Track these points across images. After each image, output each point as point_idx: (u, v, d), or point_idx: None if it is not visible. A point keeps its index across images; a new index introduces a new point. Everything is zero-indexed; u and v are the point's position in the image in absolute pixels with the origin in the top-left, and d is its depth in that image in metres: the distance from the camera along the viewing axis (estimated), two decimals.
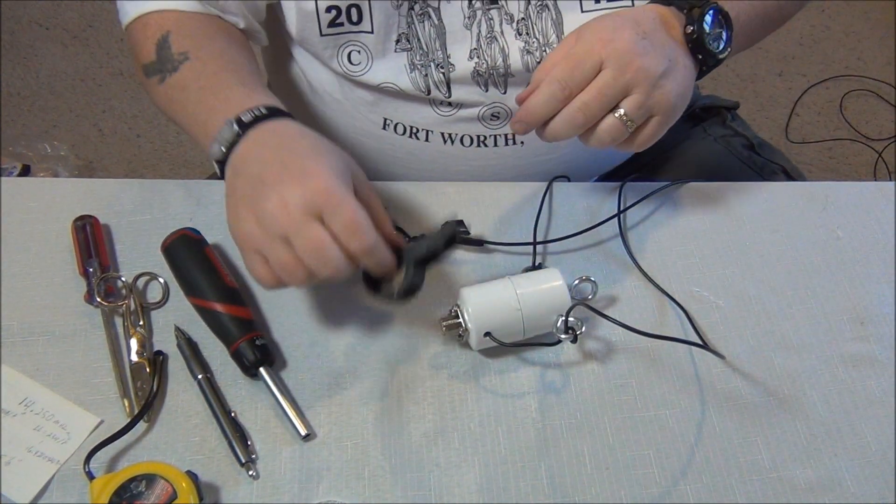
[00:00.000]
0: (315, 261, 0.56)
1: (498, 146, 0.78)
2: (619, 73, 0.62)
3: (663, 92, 0.63)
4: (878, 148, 1.88)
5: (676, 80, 0.64)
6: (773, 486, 0.62)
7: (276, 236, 0.56)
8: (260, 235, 0.57)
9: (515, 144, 0.79)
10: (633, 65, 0.62)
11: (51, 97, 1.89)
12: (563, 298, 0.65)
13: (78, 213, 0.73)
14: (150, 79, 0.72)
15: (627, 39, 0.62)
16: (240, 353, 0.65)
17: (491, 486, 0.62)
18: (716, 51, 0.67)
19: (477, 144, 0.78)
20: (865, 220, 0.78)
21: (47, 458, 0.62)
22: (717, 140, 0.95)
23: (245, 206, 0.58)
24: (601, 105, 0.62)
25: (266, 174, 0.57)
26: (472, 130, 0.79)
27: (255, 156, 0.60)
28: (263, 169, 0.58)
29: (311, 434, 0.63)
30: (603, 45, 0.62)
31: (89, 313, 0.69)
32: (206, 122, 0.66)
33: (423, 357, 0.68)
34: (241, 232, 0.59)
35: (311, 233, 0.55)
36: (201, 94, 0.68)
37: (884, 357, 0.69)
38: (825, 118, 1.94)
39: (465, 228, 0.73)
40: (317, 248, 0.55)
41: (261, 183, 0.57)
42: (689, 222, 0.77)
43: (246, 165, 0.60)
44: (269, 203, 0.56)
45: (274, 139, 0.61)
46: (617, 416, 0.65)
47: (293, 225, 0.55)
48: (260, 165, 0.59)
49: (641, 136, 0.66)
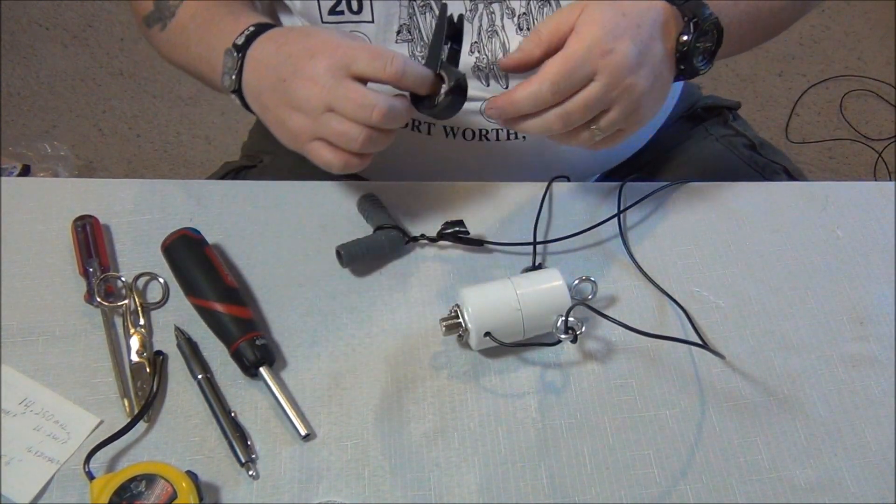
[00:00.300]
0: (364, 112, 0.58)
1: (500, 140, 0.78)
2: (609, 89, 0.61)
3: (639, 111, 0.63)
4: (878, 148, 1.88)
5: (654, 97, 0.64)
6: (773, 486, 0.62)
7: (321, 112, 0.59)
8: (307, 121, 0.60)
9: (518, 139, 0.79)
10: (624, 83, 0.61)
11: (51, 97, 1.89)
12: (563, 298, 0.65)
13: (78, 213, 0.73)
14: (151, 29, 0.75)
15: (625, 53, 0.60)
16: (240, 353, 0.65)
17: (491, 486, 0.62)
18: (699, 66, 0.66)
19: (479, 138, 0.78)
20: (865, 220, 0.78)
21: (47, 458, 0.62)
22: (719, 140, 0.95)
23: (281, 108, 0.62)
24: (582, 118, 0.62)
25: (281, 73, 0.61)
26: (473, 124, 0.79)
27: (263, 67, 0.63)
28: (276, 71, 0.61)
29: (311, 434, 0.63)
30: (601, 55, 0.60)
31: (89, 313, 0.69)
32: (209, 59, 0.69)
33: (423, 357, 0.68)
34: (290, 132, 0.62)
35: (347, 89, 0.58)
36: (199, 31, 0.71)
37: (884, 357, 0.69)
38: (825, 118, 1.94)
39: (465, 228, 0.73)
40: (359, 99, 0.58)
41: (282, 82, 0.61)
42: (689, 222, 0.77)
43: (260, 80, 0.63)
44: (298, 90, 0.59)
45: (271, 46, 0.64)
46: (617, 416, 0.65)
47: (328, 92, 0.58)
48: (272, 70, 0.62)
49: (601, 145, 0.65)
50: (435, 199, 0.78)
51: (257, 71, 0.64)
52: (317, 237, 0.75)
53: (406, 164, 0.84)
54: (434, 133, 0.80)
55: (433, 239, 0.74)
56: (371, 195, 0.76)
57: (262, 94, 0.64)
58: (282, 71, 0.61)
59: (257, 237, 0.74)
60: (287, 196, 0.77)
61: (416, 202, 0.78)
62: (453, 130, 0.80)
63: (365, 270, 0.73)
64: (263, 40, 0.65)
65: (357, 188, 0.77)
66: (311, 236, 0.75)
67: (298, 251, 0.74)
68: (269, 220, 0.76)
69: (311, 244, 0.74)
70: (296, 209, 0.76)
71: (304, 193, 0.78)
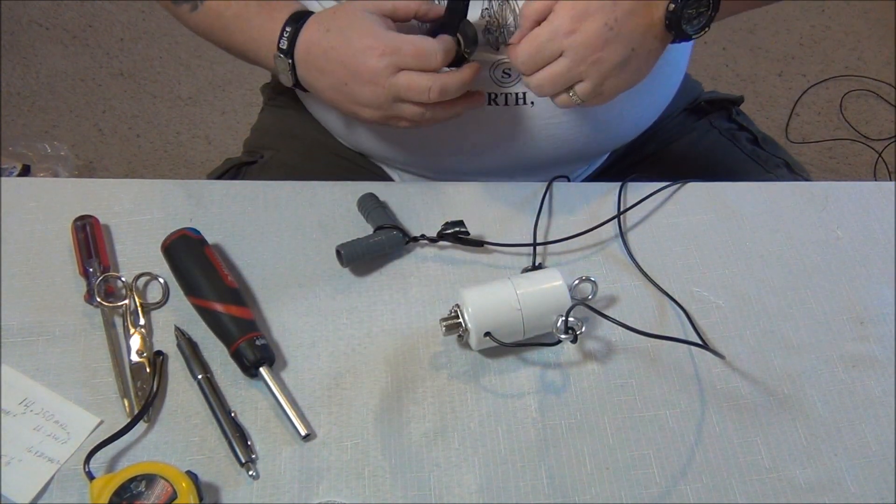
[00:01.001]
0: (423, 95, 0.68)
1: (509, 105, 0.79)
2: (574, 64, 0.67)
3: (616, 80, 0.69)
4: (878, 148, 1.88)
5: (633, 68, 0.69)
6: (773, 486, 0.62)
7: (391, 104, 0.69)
8: (378, 112, 0.71)
9: (526, 104, 0.79)
10: (589, 59, 0.66)
11: (51, 97, 1.89)
12: (563, 298, 0.65)
13: (78, 213, 0.73)
14: (178, 6, 0.78)
15: (591, 32, 0.66)
16: (240, 353, 0.65)
17: (491, 486, 0.62)
18: (690, 33, 0.69)
19: (488, 102, 0.79)
20: (865, 220, 0.78)
21: (47, 458, 0.62)
22: (723, 133, 0.96)
23: (352, 105, 0.71)
24: (553, 89, 0.69)
25: (341, 77, 0.70)
26: (483, 89, 0.79)
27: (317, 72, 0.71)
28: (335, 76, 0.70)
29: (311, 434, 0.63)
30: (566, 35, 0.66)
31: (89, 313, 0.69)
32: (255, 52, 0.76)
33: (423, 357, 0.68)
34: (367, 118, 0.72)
35: (403, 81, 0.67)
36: (238, 22, 0.76)
37: (884, 357, 0.69)
38: (825, 118, 1.94)
39: (465, 229, 0.73)
40: (415, 87, 0.67)
41: (343, 85, 0.70)
42: (689, 222, 0.77)
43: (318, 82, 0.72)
44: (363, 92, 0.69)
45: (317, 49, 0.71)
46: (617, 416, 0.65)
47: (390, 89, 0.68)
48: (329, 76, 0.71)
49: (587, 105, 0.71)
50: (435, 199, 0.78)
51: (311, 74, 0.72)
52: (317, 237, 0.75)
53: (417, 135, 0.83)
54: None
55: (433, 239, 0.74)
56: (371, 195, 0.76)
57: (325, 93, 0.72)
58: (341, 76, 0.69)
59: (257, 237, 0.74)
60: (287, 196, 0.77)
61: (416, 202, 0.78)
62: None
63: (365, 270, 0.73)
64: (307, 43, 0.71)
65: (357, 188, 0.77)
66: (311, 236, 0.75)
67: (298, 251, 0.74)
68: (269, 220, 0.76)
69: (311, 244, 0.74)
70: (296, 209, 0.76)
71: (304, 193, 0.78)
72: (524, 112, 0.79)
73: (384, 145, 0.85)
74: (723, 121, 0.97)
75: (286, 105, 0.97)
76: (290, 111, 0.96)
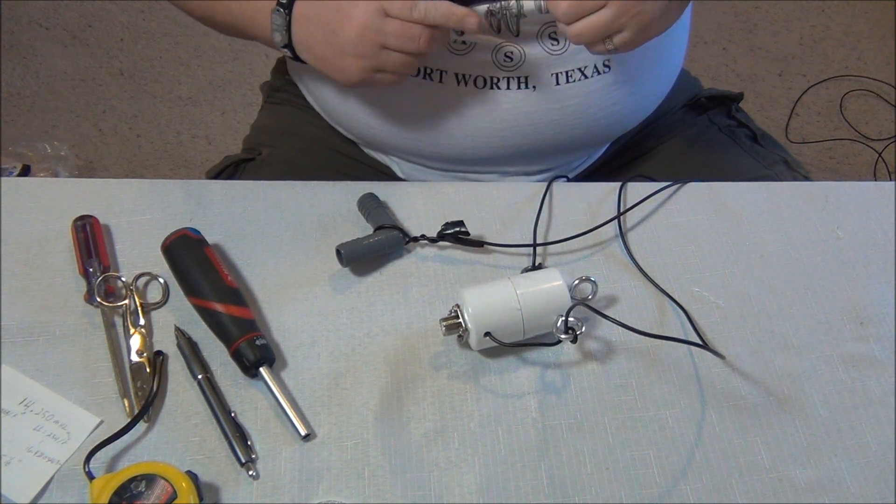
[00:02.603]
0: (411, 41, 0.68)
1: (510, 89, 0.79)
2: (617, 16, 0.68)
3: (650, 31, 0.71)
4: (878, 148, 1.87)
5: (667, 19, 0.73)
6: (773, 486, 0.62)
7: (375, 51, 0.69)
8: (366, 63, 0.70)
9: (528, 88, 0.79)
10: (632, 11, 0.68)
11: (51, 97, 1.89)
12: (563, 298, 0.65)
13: (78, 213, 0.73)
14: None
15: None
16: (240, 353, 0.65)
17: (491, 486, 0.62)
18: None
19: (490, 86, 0.79)
20: (865, 220, 0.78)
21: (47, 458, 0.62)
22: (722, 129, 0.96)
23: (339, 57, 0.71)
24: (592, 38, 0.70)
25: (331, 25, 0.70)
26: (485, 72, 0.79)
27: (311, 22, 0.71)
28: (326, 24, 0.70)
29: (311, 434, 0.63)
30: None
31: (89, 313, 0.69)
32: (253, 19, 0.76)
33: (423, 357, 0.68)
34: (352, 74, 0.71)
35: (391, 27, 0.68)
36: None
37: (884, 357, 0.69)
38: (825, 118, 1.94)
39: (465, 229, 0.73)
40: (403, 33, 0.68)
41: (332, 34, 0.70)
42: (689, 222, 0.77)
43: (311, 34, 0.72)
44: (351, 37, 0.69)
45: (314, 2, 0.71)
46: (617, 416, 0.65)
47: (377, 33, 0.68)
48: (321, 25, 0.70)
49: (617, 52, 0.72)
50: (435, 199, 0.78)
51: (306, 26, 0.72)
52: (317, 237, 0.75)
53: (417, 117, 0.83)
54: (446, 80, 0.80)
55: (433, 239, 0.74)
56: (371, 195, 0.76)
57: (316, 47, 0.72)
58: (331, 23, 0.70)
59: (257, 237, 0.74)
60: (287, 196, 0.77)
61: (416, 202, 0.78)
62: (465, 78, 0.80)
63: (365, 270, 0.73)
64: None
65: (357, 188, 0.77)
66: (311, 236, 0.75)
67: (298, 251, 0.74)
68: (269, 220, 0.76)
69: (311, 244, 0.74)
70: (296, 209, 0.76)
71: (304, 193, 0.78)
72: (526, 96, 0.79)
73: (382, 125, 0.84)
74: (722, 117, 0.97)
75: (285, 102, 0.97)
76: (289, 108, 0.96)
